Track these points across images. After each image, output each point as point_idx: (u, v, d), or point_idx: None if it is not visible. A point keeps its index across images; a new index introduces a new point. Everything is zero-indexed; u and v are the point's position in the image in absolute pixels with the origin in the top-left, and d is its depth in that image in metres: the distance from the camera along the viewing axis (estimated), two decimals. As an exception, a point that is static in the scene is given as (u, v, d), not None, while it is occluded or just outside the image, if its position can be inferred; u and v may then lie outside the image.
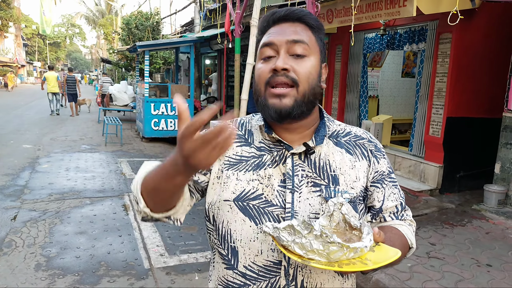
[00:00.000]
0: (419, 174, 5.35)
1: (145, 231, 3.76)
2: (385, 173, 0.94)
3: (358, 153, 0.93)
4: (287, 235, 0.73)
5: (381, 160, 0.94)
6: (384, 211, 0.94)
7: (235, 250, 0.89)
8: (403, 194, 0.98)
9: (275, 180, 0.87)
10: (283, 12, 0.86)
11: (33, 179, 5.38)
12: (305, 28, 0.86)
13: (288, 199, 0.86)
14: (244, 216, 0.87)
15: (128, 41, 13.55)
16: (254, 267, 0.87)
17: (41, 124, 10.90)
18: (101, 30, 37.76)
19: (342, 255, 0.70)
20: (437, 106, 5.07)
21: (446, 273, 2.97)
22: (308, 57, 0.84)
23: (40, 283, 2.78)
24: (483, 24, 4.84)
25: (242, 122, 0.98)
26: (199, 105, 10.51)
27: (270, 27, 0.88)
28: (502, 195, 4.46)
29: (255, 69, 0.89)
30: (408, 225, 0.95)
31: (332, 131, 0.94)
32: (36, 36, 48.75)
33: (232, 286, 0.90)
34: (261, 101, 0.85)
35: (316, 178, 0.88)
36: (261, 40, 0.89)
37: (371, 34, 6.31)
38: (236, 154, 0.91)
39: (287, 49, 0.83)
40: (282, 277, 0.86)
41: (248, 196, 0.87)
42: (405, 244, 0.90)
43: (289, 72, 0.82)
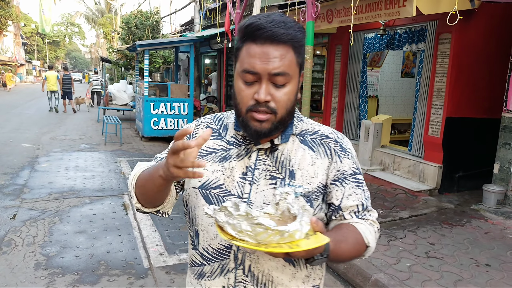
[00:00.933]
0: (418, 174, 5.36)
1: (145, 230, 3.76)
2: (347, 173, 0.96)
3: (321, 151, 0.97)
4: (222, 216, 0.77)
5: (345, 160, 0.97)
6: (343, 209, 0.96)
7: (197, 233, 0.99)
8: (368, 196, 1.00)
9: (237, 172, 0.95)
10: (269, 33, 0.84)
11: (32, 178, 5.37)
12: (288, 51, 0.86)
13: (247, 190, 0.94)
14: (205, 202, 0.96)
15: (128, 40, 13.53)
16: (210, 249, 0.97)
17: (41, 123, 10.89)
18: (100, 29, 37.72)
19: (268, 237, 0.74)
20: (437, 106, 5.08)
21: (445, 272, 2.98)
22: (289, 83, 0.88)
23: (40, 282, 2.78)
24: (483, 24, 4.84)
25: (221, 117, 1.05)
26: (198, 104, 10.51)
27: (252, 42, 0.86)
28: (501, 195, 4.47)
29: (235, 83, 0.90)
30: (368, 224, 0.97)
31: (300, 130, 0.99)
32: (35, 35, 48.67)
33: (194, 264, 1.02)
34: (243, 120, 0.90)
35: (275, 172, 0.94)
36: (241, 49, 0.88)
37: (370, 34, 6.32)
38: (208, 146, 0.99)
39: (269, 78, 0.86)
40: (231, 260, 0.94)
41: (211, 185, 0.96)
42: (360, 241, 0.92)
43: (270, 103, 0.87)
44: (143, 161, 1.00)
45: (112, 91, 14.03)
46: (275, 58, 0.85)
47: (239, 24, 0.92)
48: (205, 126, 1.03)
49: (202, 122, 1.04)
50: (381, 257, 3.20)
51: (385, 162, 5.95)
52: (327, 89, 7.36)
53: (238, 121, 0.93)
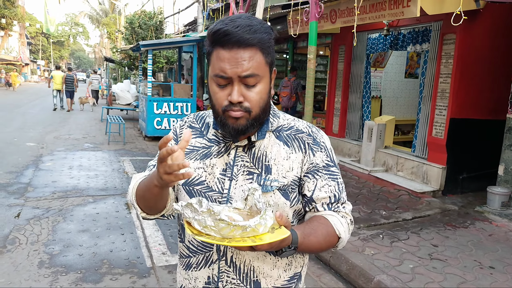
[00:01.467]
0: (421, 175, 5.34)
1: (148, 230, 3.77)
2: (319, 166, 1.00)
3: (295, 146, 1.01)
4: (189, 212, 0.80)
5: (317, 153, 1.01)
6: (316, 201, 1.00)
7: (183, 227, 1.04)
8: (341, 188, 1.03)
9: (217, 169, 1.00)
10: (236, 38, 0.87)
11: (36, 177, 5.40)
12: (256, 52, 0.89)
13: (226, 185, 0.98)
14: (189, 198, 0.98)
15: (131, 40, 13.58)
16: (194, 242, 1.02)
17: (45, 122, 10.95)
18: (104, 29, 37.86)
19: (230, 231, 0.77)
20: (441, 107, 5.06)
21: (448, 275, 2.96)
22: (259, 83, 0.91)
23: (43, 280, 2.79)
24: (488, 25, 4.82)
25: (203, 116, 1.10)
26: (201, 104, 10.52)
27: (221, 47, 0.89)
28: (505, 197, 4.44)
29: (210, 86, 0.94)
30: (340, 216, 1.00)
31: (277, 126, 1.03)
32: (40, 34, 48.92)
33: (182, 256, 1.08)
34: (220, 120, 0.94)
35: (252, 168, 0.98)
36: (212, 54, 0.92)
37: (374, 34, 6.30)
38: (190, 144, 1.04)
39: (240, 80, 0.89)
40: (214, 252, 1.00)
41: (193, 182, 1.01)
42: (330, 233, 0.96)
43: (243, 103, 0.91)
44: (137, 174, 1.06)
45: (115, 91, 14.09)
46: (243, 61, 0.88)
47: (208, 29, 0.94)
48: (188, 125, 1.07)
49: (186, 122, 1.09)
50: (384, 258, 3.18)
51: (388, 163, 5.93)
52: (330, 90, 7.34)
53: (216, 121, 0.97)
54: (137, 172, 5.99)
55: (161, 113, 8.68)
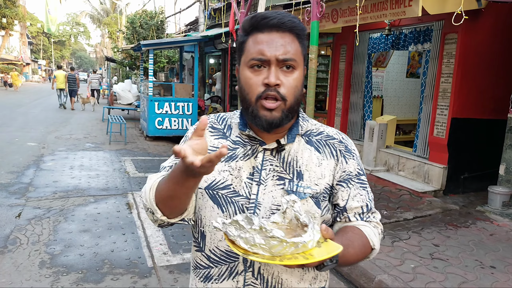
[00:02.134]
0: (423, 175, 5.33)
1: (149, 230, 3.77)
2: (352, 174, 0.97)
3: (326, 152, 0.97)
4: (233, 230, 0.76)
5: (350, 160, 0.98)
6: (348, 210, 0.96)
7: (204, 235, 0.98)
8: (371, 197, 1.00)
9: (244, 172, 0.94)
10: (275, 20, 0.86)
11: (37, 177, 5.41)
12: (294, 39, 0.89)
13: (254, 190, 0.93)
14: (213, 203, 0.95)
15: (133, 40, 13.58)
16: (217, 251, 0.95)
17: (46, 122, 10.97)
18: (105, 29, 37.91)
19: (282, 249, 0.73)
20: (442, 107, 5.05)
21: (449, 274, 2.96)
22: (296, 70, 0.89)
23: (44, 280, 2.80)
24: (489, 24, 4.80)
25: (224, 117, 1.05)
26: (203, 104, 10.53)
27: (259, 31, 0.88)
28: (506, 196, 4.43)
29: (242, 75, 0.91)
30: (373, 227, 0.97)
31: (306, 130, 0.99)
32: (41, 34, 49.00)
33: (200, 267, 1.00)
34: (252, 111, 0.89)
35: (282, 172, 0.94)
36: (247, 41, 0.90)
37: (376, 34, 6.29)
38: (213, 146, 0.98)
39: (277, 63, 0.86)
40: (240, 263, 0.93)
41: (218, 186, 0.95)
42: (365, 244, 0.92)
43: (280, 87, 0.87)
44: (153, 174, 0.96)
45: (117, 91, 14.11)
46: (282, 44, 0.86)
47: (243, 20, 0.92)
48: (209, 126, 1.02)
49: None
50: (385, 258, 3.18)
51: (389, 162, 5.93)
52: (331, 89, 7.34)
53: (247, 114, 0.91)
54: (138, 172, 5.99)
55: (162, 113, 8.68)
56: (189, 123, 8.90)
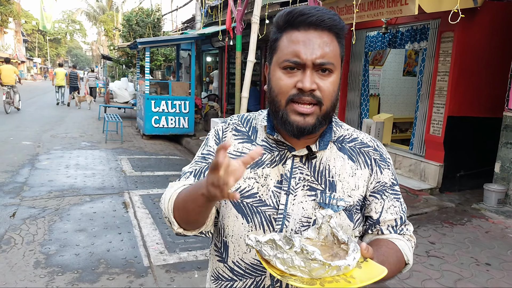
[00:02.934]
0: (419, 173, 5.34)
1: (145, 229, 3.76)
2: (387, 185, 0.91)
3: (361, 161, 0.90)
4: (269, 249, 0.71)
5: (385, 170, 0.91)
6: (381, 223, 0.91)
7: (226, 245, 0.91)
8: (405, 208, 0.95)
9: (272, 180, 0.87)
10: (314, 18, 0.78)
11: (32, 176, 5.37)
12: (333, 39, 0.80)
13: (282, 200, 0.86)
14: (237, 213, 0.88)
15: (129, 38, 13.52)
16: (242, 264, 0.89)
17: (41, 120, 10.89)
18: (101, 27, 37.70)
19: (324, 272, 0.68)
20: (438, 105, 5.06)
21: (445, 272, 2.97)
22: (333, 73, 0.81)
23: (39, 280, 2.78)
24: (485, 23, 4.81)
25: (248, 118, 0.97)
26: (200, 102, 10.49)
27: (294, 29, 0.80)
28: (502, 194, 4.46)
29: (273, 76, 0.83)
30: (406, 240, 0.92)
31: (338, 136, 0.92)
32: (36, 32, 48.67)
33: (221, 278, 0.93)
34: (282, 115, 0.82)
35: (313, 182, 0.87)
36: (280, 39, 0.82)
37: (372, 32, 6.29)
38: (237, 150, 0.91)
39: (314, 67, 0.79)
40: (267, 277, 0.87)
41: (243, 194, 0.88)
42: (400, 259, 0.87)
43: (315, 92, 0.79)
44: (174, 182, 0.90)
45: (113, 89, 14.02)
46: (320, 45, 0.78)
47: (277, 15, 0.83)
48: (233, 128, 0.94)
49: (229, 125, 0.95)
50: (382, 256, 3.19)
51: (386, 161, 5.93)
52: (328, 88, 7.32)
53: (276, 117, 0.83)
54: (134, 170, 5.97)
55: (159, 111, 8.64)
56: (186, 121, 8.87)
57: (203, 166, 0.92)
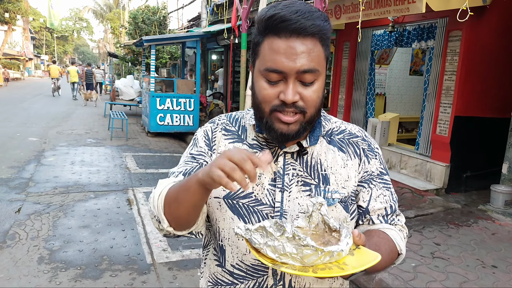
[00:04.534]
0: (425, 173, 5.29)
1: (148, 226, 3.76)
2: (374, 174, 0.91)
3: (350, 151, 0.91)
4: (259, 237, 0.69)
5: (372, 160, 0.92)
6: (371, 212, 0.91)
7: (223, 249, 0.90)
8: (395, 198, 0.94)
9: (266, 178, 0.87)
10: (296, 26, 0.74)
11: (38, 172, 5.41)
12: (316, 44, 0.77)
13: (278, 198, 0.86)
14: (233, 214, 0.87)
15: (135, 36, 13.54)
16: (242, 266, 0.88)
17: (48, 117, 10.97)
18: (108, 24, 37.86)
19: (317, 259, 0.66)
20: (445, 105, 5.00)
21: (450, 274, 2.93)
22: (318, 80, 0.79)
23: (43, 276, 2.79)
24: (494, 21, 4.74)
25: (237, 117, 0.96)
26: (205, 100, 10.50)
27: (275, 36, 0.76)
28: (509, 195, 4.39)
29: (256, 82, 0.81)
30: (398, 230, 0.92)
31: (327, 130, 0.92)
32: (44, 29, 49.03)
33: (221, 283, 0.91)
34: (266, 122, 0.81)
35: (307, 177, 0.87)
36: (261, 44, 0.79)
37: (379, 30, 6.23)
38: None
39: (297, 76, 0.76)
40: (270, 277, 0.86)
41: (238, 195, 0.87)
42: (393, 249, 0.87)
43: (298, 102, 0.78)
44: (164, 179, 0.87)
45: (119, 86, 14.08)
46: (302, 53, 0.75)
47: (258, 15, 0.81)
48: (222, 128, 0.93)
49: (218, 125, 0.94)
50: (386, 257, 3.16)
51: (391, 160, 5.89)
52: (334, 86, 7.29)
53: (261, 123, 0.83)
54: (139, 167, 5.98)
55: (164, 109, 8.66)
56: (191, 119, 8.88)
57: (194, 166, 0.90)
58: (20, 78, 31.13)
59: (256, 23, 0.82)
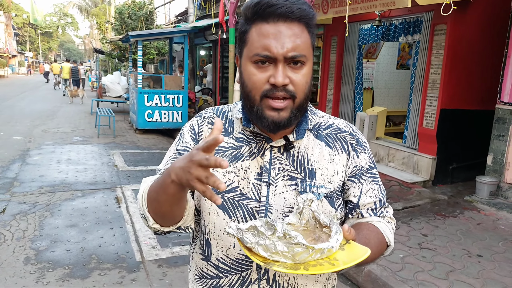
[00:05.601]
0: (412, 165, 5.36)
1: (137, 224, 3.73)
2: (364, 168, 0.92)
3: (338, 147, 0.91)
4: (251, 237, 0.70)
5: (361, 154, 0.92)
6: (361, 206, 0.91)
7: (209, 242, 0.90)
8: (384, 191, 0.95)
9: (252, 173, 0.86)
10: (283, 10, 0.76)
11: (23, 172, 5.31)
12: (303, 30, 0.79)
13: (264, 192, 0.85)
14: (218, 208, 0.87)
15: (121, 31, 13.34)
16: (227, 260, 0.88)
17: (32, 115, 10.76)
18: (94, 20, 37.21)
19: (308, 256, 0.67)
20: (431, 98, 5.06)
21: (437, 263, 2.98)
22: (305, 65, 0.80)
23: (29, 276, 2.75)
24: (478, 15, 4.80)
25: (224, 111, 0.95)
26: (193, 96, 10.42)
27: (263, 21, 0.78)
28: (493, 186, 4.49)
29: (244, 70, 0.81)
30: (387, 222, 0.93)
31: (314, 124, 0.92)
32: (27, 25, 47.92)
33: (206, 276, 0.93)
34: (257, 111, 0.81)
35: (293, 172, 0.87)
36: (249, 32, 0.80)
37: (366, 25, 6.26)
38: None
39: (285, 60, 0.77)
40: (254, 271, 0.87)
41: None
42: (382, 241, 0.87)
43: (288, 86, 0.78)
44: (147, 177, 0.87)
45: (105, 83, 13.89)
46: (291, 37, 0.76)
47: (244, 4, 0.81)
48: (208, 122, 0.93)
49: (205, 119, 0.93)
50: (374, 249, 3.19)
51: (379, 154, 5.95)
52: (322, 81, 7.31)
53: (251, 113, 0.83)
54: (127, 165, 5.92)
55: (152, 105, 8.57)
56: (179, 115, 8.81)
57: None
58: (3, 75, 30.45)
59: (242, 12, 0.82)
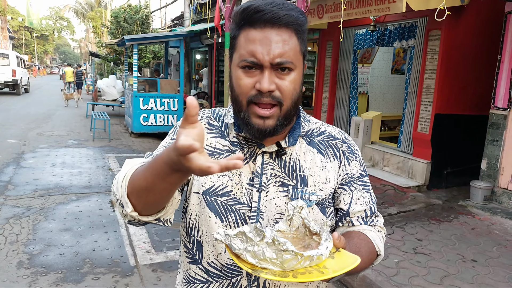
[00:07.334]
0: (407, 170, 5.39)
1: (132, 228, 3.71)
2: (354, 176, 0.92)
3: (330, 154, 0.91)
4: (239, 243, 0.68)
5: (353, 162, 0.92)
6: (351, 214, 0.91)
7: (200, 245, 0.89)
8: (374, 200, 0.95)
9: (245, 177, 0.86)
10: (269, 16, 0.75)
11: (17, 175, 5.26)
12: (291, 35, 0.78)
13: (255, 198, 0.85)
14: (210, 211, 0.86)
15: (117, 35, 13.33)
16: (218, 265, 0.87)
17: (28, 118, 10.68)
18: (89, 24, 37.15)
19: (297, 263, 0.66)
20: (426, 103, 5.10)
21: (432, 268, 2.99)
22: (293, 71, 0.79)
23: (22, 281, 2.72)
24: (472, 21, 4.86)
25: (220, 114, 0.95)
26: (189, 100, 10.41)
27: (251, 27, 0.77)
28: (488, 191, 4.51)
29: (233, 74, 0.81)
30: (377, 231, 0.92)
31: (307, 131, 0.92)
32: (23, 28, 47.73)
33: (194, 281, 0.90)
34: (244, 117, 0.80)
35: (285, 178, 0.86)
36: (238, 37, 0.80)
37: (361, 30, 6.31)
38: (210, 145, 0.89)
39: (272, 66, 0.77)
40: (244, 277, 0.86)
41: (217, 192, 0.86)
42: (372, 250, 0.87)
43: (274, 92, 0.78)
44: (131, 158, 0.82)
45: (101, 87, 13.83)
46: (277, 43, 0.76)
47: (234, 10, 0.82)
48: (206, 122, 0.92)
49: (203, 118, 0.93)
50: (369, 253, 3.19)
51: (374, 158, 5.97)
52: (317, 86, 7.34)
53: (239, 118, 0.82)
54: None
55: (147, 109, 8.55)
56: (175, 119, 8.80)
57: None
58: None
59: (232, 18, 0.82)
